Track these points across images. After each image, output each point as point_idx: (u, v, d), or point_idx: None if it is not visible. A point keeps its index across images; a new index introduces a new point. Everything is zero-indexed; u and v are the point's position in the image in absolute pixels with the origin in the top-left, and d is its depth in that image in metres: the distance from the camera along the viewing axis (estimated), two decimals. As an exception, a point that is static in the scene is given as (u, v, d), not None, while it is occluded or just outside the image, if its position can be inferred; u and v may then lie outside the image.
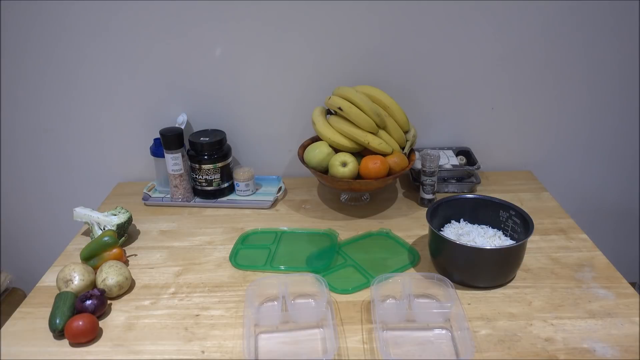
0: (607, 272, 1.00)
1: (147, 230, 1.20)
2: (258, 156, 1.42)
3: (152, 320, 0.91)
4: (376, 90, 1.23)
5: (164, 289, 0.99)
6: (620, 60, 1.30)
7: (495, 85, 1.33)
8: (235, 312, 0.92)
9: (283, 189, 1.34)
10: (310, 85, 1.32)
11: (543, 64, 1.30)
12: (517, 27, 1.25)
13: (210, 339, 0.86)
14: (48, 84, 1.31)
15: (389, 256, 1.07)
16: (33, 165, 1.44)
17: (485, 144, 1.41)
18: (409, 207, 1.26)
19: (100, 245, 1.04)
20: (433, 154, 1.19)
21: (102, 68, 1.29)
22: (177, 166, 1.24)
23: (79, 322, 0.85)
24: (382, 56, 1.28)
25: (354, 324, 0.88)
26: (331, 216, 1.23)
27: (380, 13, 1.22)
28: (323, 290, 0.90)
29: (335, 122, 1.19)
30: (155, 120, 1.34)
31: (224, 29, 1.24)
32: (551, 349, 0.81)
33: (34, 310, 0.94)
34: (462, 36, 1.26)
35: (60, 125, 1.37)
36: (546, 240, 1.11)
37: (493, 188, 1.33)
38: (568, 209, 1.24)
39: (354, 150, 1.18)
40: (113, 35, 1.25)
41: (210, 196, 1.30)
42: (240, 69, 1.30)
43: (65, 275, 0.95)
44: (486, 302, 0.92)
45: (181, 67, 1.29)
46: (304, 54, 1.28)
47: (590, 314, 0.89)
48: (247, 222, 1.22)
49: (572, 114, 1.37)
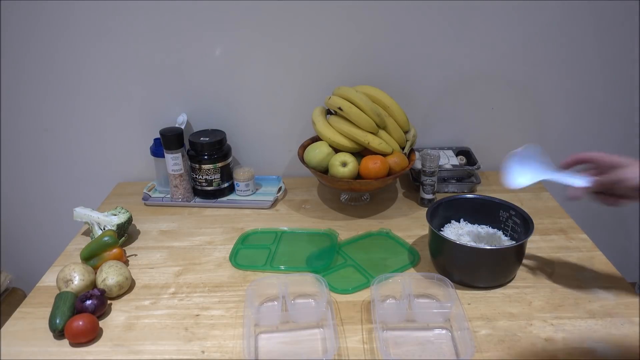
0: (607, 272, 1.00)
1: (147, 230, 1.20)
2: (258, 156, 1.42)
3: (152, 320, 0.91)
4: (376, 90, 1.23)
5: (164, 289, 0.99)
6: (621, 61, 1.30)
7: (495, 85, 1.33)
8: (235, 312, 0.92)
9: (283, 189, 1.34)
10: (310, 85, 1.32)
11: (543, 64, 1.30)
12: (517, 27, 1.25)
13: (210, 339, 0.86)
14: (48, 84, 1.31)
15: (389, 256, 1.07)
16: (33, 165, 1.44)
17: (485, 144, 1.41)
18: (409, 207, 1.26)
19: (100, 245, 1.04)
20: (433, 154, 1.19)
21: (103, 68, 1.29)
22: (177, 166, 1.24)
23: (79, 322, 0.85)
24: (382, 56, 1.28)
25: (354, 324, 0.88)
26: (331, 216, 1.23)
27: (380, 13, 1.22)
28: (323, 290, 0.90)
29: (335, 122, 1.19)
30: (155, 120, 1.34)
31: (224, 29, 1.24)
32: (551, 349, 0.81)
33: (34, 310, 0.94)
34: (462, 36, 1.26)
35: (60, 125, 1.37)
36: (546, 240, 1.11)
37: (493, 188, 1.33)
38: (568, 209, 1.24)
39: (354, 150, 1.18)
40: (113, 35, 1.25)
41: (210, 196, 1.30)
42: (240, 69, 1.30)
43: (65, 275, 0.95)
44: (486, 302, 0.92)
45: (181, 67, 1.29)
46: (304, 54, 1.28)
47: (590, 314, 0.89)
48: (247, 222, 1.22)
49: (573, 114, 1.37)
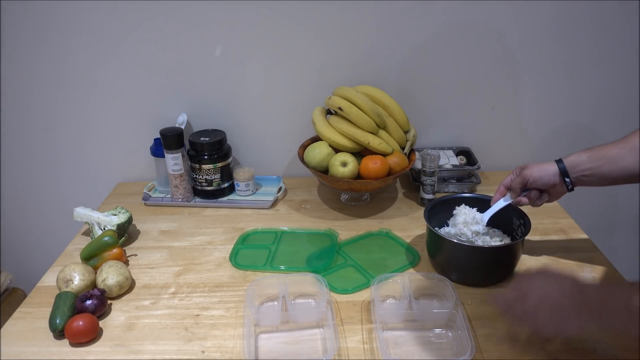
0: (607, 272, 1.00)
1: (147, 230, 1.20)
2: (258, 156, 1.42)
3: (152, 320, 0.91)
4: (376, 90, 1.23)
5: (164, 289, 0.99)
6: (621, 61, 1.30)
7: (495, 85, 1.33)
8: (235, 312, 0.92)
9: (283, 189, 1.34)
10: (310, 85, 1.32)
11: (543, 64, 1.30)
12: (517, 27, 1.25)
13: (211, 339, 0.86)
14: (48, 84, 1.31)
15: (389, 256, 1.07)
16: (33, 165, 1.44)
17: (485, 144, 1.41)
18: (409, 207, 1.26)
19: (100, 245, 1.04)
20: (433, 154, 1.19)
21: (103, 68, 1.29)
22: (177, 166, 1.24)
23: (79, 322, 0.85)
24: (382, 56, 1.28)
25: (354, 324, 0.88)
26: (331, 216, 1.23)
27: (380, 13, 1.22)
28: (323, 290, 0.90)
29: (336, 122, 1.19)
30: (155, 120, 1.34)
31: (224, 29, 1.24)
32: (551, 349, 0.81)
33: (34, 310, 0.94)
34: (462, 36, 1.26)
35: (60, 125, 1.37)
36: (546, 240, 1.11)
37: (493, 188, 1.31)
38: (568, 209, 1.24)
39: (354, 150, 1.18)
40: (113, 35, 1.25)
41: (210, 196, 1.30)
42: (241, 69, 1.30)
43: (66, 275, 0.95)
44: (486, 302, 0.92)
45: (181, 67, 1.29)
46: (304, 54, 1.28)
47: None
48: (247, 222, 1.22)
49: (573, 114, 1.37)
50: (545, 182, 0.91)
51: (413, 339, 0.85)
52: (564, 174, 0.90)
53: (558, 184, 0.91)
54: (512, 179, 0.95)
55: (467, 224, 0.98)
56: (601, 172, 0.87)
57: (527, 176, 0.92)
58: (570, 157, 0.90)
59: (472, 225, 0.97)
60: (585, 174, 0.88)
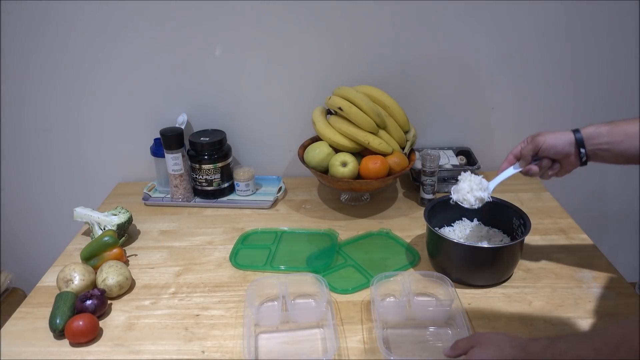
0: (607, 272, 1.00)
1: (147, 230, 1.20)
2: (258, 156, 1.42)
3: (152, 320, 0.91)
4: (376, 90, 1.23)
5: (164, 289, 0.99)
6: (621, 61, 1.30)
7: (495, 85, 1.33)
8: (235, 312, 0.92)
9: (283, 189, 1.34)
10: (310, 85, 1.32)
11: (543, 64, 1.30)
12: (517, 27, 1.25)
13: (211, 339, 0.86)
14: (48, 84, 1.31)
15: (389, 256, 1.07)
16: (33, 165, 1.44)
17: (485, 144, 1.41)
18: (409, 207, 1.26)
19: (100, 245, 1.04)
20: (433, 154, 1.19)
21: (103, 68, 1.29)
22: (178, 166, 1.24)
23: (79, 322, 0.85)
24: (382, 56, 1.28)
25: (354, 323, 0.88)
26: (331, 216, 1.23)
27: (380, 13, 1.22)
28: (323, 290, 0.90)
29: (336, 122, 1.19)
30: (155, 120, 1.34)
31: (224, 29, 1.24)
32: (551, 349, 0.81)
33: (34, 310, 0.94)
34: (462, 36, 1.26)
35: (60, 125, 1.37)
36: (546, 240, 1.11)
37: (493, 188, 1.33)
38: (568, 209, 1.24)
39: (354, 150, 1.18)
40: (113, 35, 1.25)
41: (211, 196, 1.30)
42: (241, 69, 1.30)
43: (66, 275, 0.95)
44: (486, 302, 0.92)
45: (181, 67, 1.29)
46: (304, 54, 1.28)
47: (590, 314, 0.89)
48: (247, 222, 1.22)
49: (572, 114, 1.37)
50: (558, 150, 0.86)
51: (413, 338, 0.85)
52: (580, 144, 0.84)
53: (572, 155, 0.86)
54: (522, 147, 0.90)
55: (472, 190, 0.94)
56: (620, 148, 0.82)
57: (540, 143, 0.87)
58: (589, 128, 0.85)
59: (477, 192, 0.93)
60: (602, 147, 0.83)
